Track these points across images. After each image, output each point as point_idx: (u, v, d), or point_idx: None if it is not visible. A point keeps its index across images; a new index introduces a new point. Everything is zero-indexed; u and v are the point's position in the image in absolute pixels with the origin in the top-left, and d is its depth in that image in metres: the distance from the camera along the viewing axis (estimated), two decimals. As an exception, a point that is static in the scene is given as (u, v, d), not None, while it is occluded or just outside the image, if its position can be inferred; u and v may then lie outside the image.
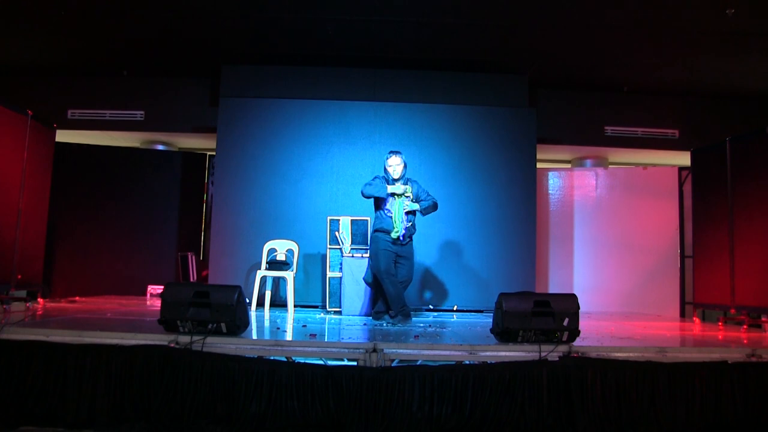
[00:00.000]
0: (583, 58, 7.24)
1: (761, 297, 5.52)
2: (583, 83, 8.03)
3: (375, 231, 5.27)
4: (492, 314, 4.05)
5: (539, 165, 7.89)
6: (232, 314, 3.64)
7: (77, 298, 6.72)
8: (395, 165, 5.17)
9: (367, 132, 7.33)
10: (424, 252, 7.02)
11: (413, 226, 5.26)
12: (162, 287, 4.08)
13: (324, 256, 6.74)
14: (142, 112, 8.11)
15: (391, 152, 5.27)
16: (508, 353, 3.61)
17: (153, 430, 3.22)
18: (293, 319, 5.41)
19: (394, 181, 5.20)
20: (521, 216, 7.26)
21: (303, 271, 6.99)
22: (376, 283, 5.39)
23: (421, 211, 5.24)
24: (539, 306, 3.66)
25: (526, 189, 7.33)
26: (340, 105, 7.35)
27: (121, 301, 6.64)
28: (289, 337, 4.19)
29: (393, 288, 5.13)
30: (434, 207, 5.31)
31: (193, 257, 8.09)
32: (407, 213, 5.16)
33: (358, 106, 7.37)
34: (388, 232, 5.16)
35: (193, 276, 7.96)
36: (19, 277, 5.73)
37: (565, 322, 3.67)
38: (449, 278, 7.07)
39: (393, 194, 5.15)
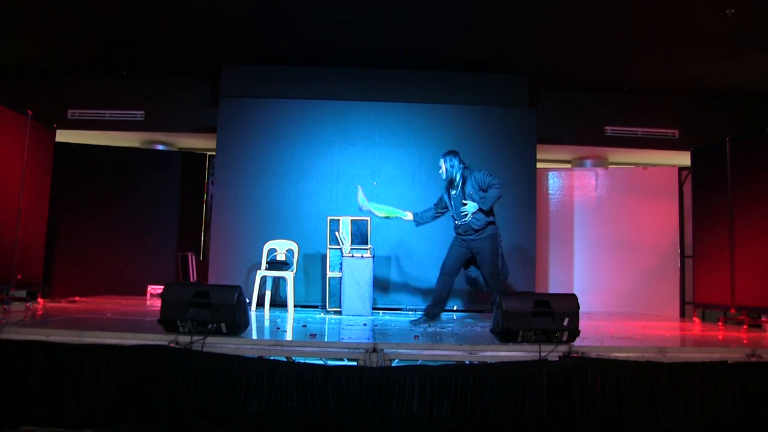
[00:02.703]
0: (582, 58, 7.24)
1: (761, 297, 5.52)
2: (583, 83, 8.03)
3: None
4: (492, 314, 4.06)
5: (539, 165, 7.88)
6: (232, 314, 3.64)
7: (77, 298, 6.72)
8: (440, 168, 5.38)
9: (367, 132, 7.33)
10: (425, 252, 7.03)
11: (476, 219, 5.17)
12: (162, 287, 4.08)
13: (324, 256, 6.74)
14: (142, 112, 8.11)
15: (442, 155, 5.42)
16: (508, 353, 3.61)
17: (153, 430, 3.22)
18: (293, 319, 5.41)
19: (446, 182, 5.38)
20: (521, 216, 7.25)
21: (303, 271, 6.99)
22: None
23: (482, 210, 5.13)
24: (539, 306, 3.66)
25: (526, 189, 7.32)
26: (340, 105, 7.35)
27: (121, 301, 6.64)
28: (289, 337, 4.19)
29: (437, 286, 5.33)
30: (496, 198, 5.10)
31: (193, 257, 8.08)
32: (472, 214, 5.15)
33: (358, 106, 7.37)
34: (456, 229, 5.34)
35: (193, 276, 7.95)
36: (19, 277, 5.73)
37: (565, 322, 3.67)
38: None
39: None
